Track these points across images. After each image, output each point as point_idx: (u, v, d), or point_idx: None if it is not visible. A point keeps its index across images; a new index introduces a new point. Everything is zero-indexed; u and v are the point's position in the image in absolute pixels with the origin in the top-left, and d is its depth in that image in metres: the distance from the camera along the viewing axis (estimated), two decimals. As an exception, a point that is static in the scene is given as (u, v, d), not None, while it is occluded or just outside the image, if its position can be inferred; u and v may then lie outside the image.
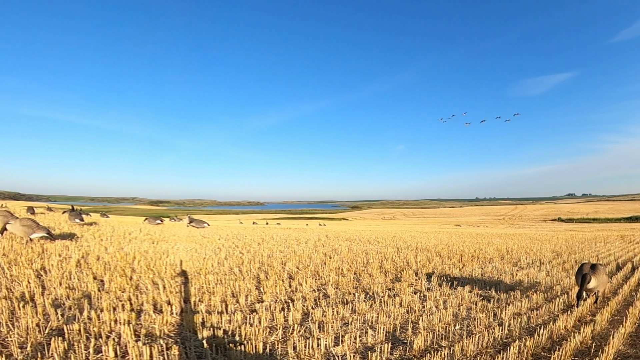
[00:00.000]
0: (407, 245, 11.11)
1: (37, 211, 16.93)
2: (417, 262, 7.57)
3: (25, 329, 3.00)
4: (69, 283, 4.47)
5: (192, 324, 3.52)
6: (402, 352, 3.16)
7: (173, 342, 3.08)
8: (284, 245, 10.05)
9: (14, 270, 4.73)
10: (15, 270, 4.74)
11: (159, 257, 6.66)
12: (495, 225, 64.03)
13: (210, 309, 4.05)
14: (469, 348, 3.19)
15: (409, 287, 5.44)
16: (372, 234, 16.16)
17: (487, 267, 7.41)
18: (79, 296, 4.03)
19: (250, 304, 4.36)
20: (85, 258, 5.94)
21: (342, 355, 3.02)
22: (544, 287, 5.69)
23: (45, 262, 5.29)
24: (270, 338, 3.32)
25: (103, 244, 7.66)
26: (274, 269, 6.29)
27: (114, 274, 5.05)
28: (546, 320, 4.08)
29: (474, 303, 4.68)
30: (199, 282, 5.10)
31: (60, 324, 3.20)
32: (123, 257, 6.30)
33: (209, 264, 6.40)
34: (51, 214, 16.36)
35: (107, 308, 3.68)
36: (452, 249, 10.11)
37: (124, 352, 2.83)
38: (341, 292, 5.05)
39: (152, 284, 4.79)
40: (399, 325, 3.79)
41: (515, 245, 11.76)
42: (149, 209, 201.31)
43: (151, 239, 9.73)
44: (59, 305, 3.72)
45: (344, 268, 6.58)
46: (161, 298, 4.20)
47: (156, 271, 5.54)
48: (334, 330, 3.57)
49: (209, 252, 7.91)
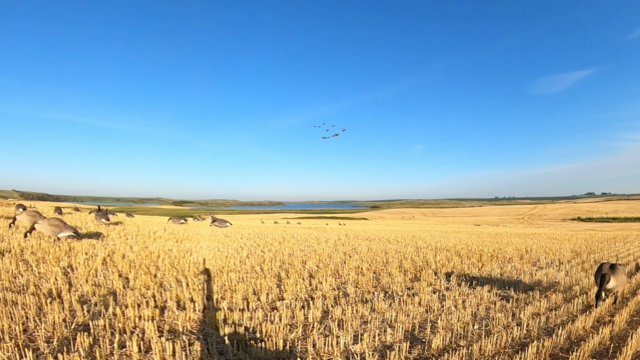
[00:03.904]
0: (426, 244, 10.92)
1: (64, 211, 17.39)
2: (437, 261, 7.44)
3: (52, 324, 3.06)
4: (95, 280, 4.55)
5: (214, 320, 3.53)
6: (421, 351, 3.11)
7: (195, 338, 3.10)
8: (305, 244, 10.03)
9: (42, 267, 4.85)
10: (43, 267, 4.86)
11: (183, 256, 6.74)
12: (515, 224, 62.66)
13: (232, 306, 4.06)
14: (487, 348, 3.13)
15: (428, 286, 5.35)
16: (392, 234, 15.98)
17: (506, 266, 7.26)
18: (105, 293, 4.09)
19: (271, 301, 4.36)
20: (111, 256, 6.05)
21: (361, 354, 2.99)
22: (563, 287, 5.52)
23: (72, 260, 5.41)
24: (291, 335, 3.31)
25: (128, 243, 7.81)
26: (294, 267, 6.28)
27: (138, 272, 5.12)
28: (565, 321, 3.96)
29: (493, 303, 4.58)
30: (221, 280, 5.12)
31: (86, 320, 3.25)
32: (148, 256, 6.39)
33: (231, 262, 6.43)
34: (78, 214, 16.83)
35: (132, 304, 3.73)
36: (471, 249, 9.92)
37: (147, 348, 2.85)
38: (360, 290, 5.01)
39: (176, 282, 4.84)
40: (418, 325, 3.74)
41: (534, 245, 11.44)
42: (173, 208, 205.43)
43: (175, 238, 9.86)
44: (85, 301, 3.79)
45: (363, 267, 6.52)
46: (184, 295, 4.23)
47: (180, 269, 5.60)
48: (353, 328, 3.55)
49: (231, 251, 7.95)
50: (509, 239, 14.59)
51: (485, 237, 15.92)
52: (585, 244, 12.23)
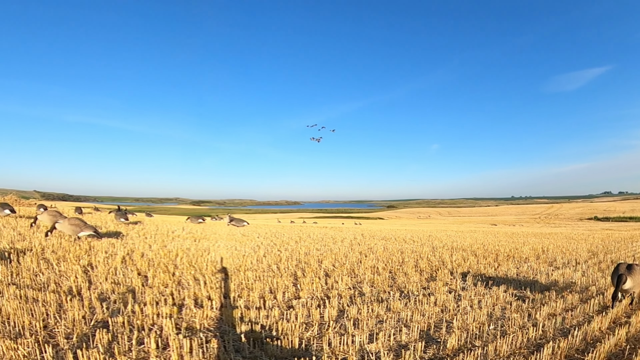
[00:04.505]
0: (442, 244, 10.77)
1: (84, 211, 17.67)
2: (453, 261, 7.33)
3: (71, 321, 3.10)
4: (114, 278, 4.61)
5: (231, 318, 3.54)
6: (436, 351, 3.07)
7: (212, 336, 3.11)
8: (321, 243, 10.00)
9: (62, 266, 4.94)
10: (64, 266, 4.95)
11: (201, 255, 6.78)
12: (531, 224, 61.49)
13: (248, 304, 4.06)
14: (503, 348, 3.07)
15: (443, 286, 5.27)
16: (408, 233, 15.83)
17: (522, 266, 7.11)
18: (124, 291, 4.14)
19: (288, 300, 4.35)
20: (130, 255, 6.13)
21: (376, 353, 2.97)
22: (579, 287, 5.37)
23: (92, 259, 5.49)
24: (306, 334, 3.30)
25: (147, 242, 7.91)
26: (310, 266, 6.26)
27: (157, 270, 5.17)
28: (581, 322, 3.86)
29: (509, 303, 4.49)
30: (238, 279, 5.13)
31: (105, 317, 3.29)
32: (166, 254, 6.45)
33: (248, 261, 6.45)
34: (98, 214, 17.10)
35: (150, 302, 3.76)
36: (487, 248, 9.74)
37: (165, 344, 2.87)
38: (376, 290, 4.97)
39: (194, 280, 4.86)
40: (433, 324, 3.70)
41: (551, 245, 11.19)
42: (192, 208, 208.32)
43: (193, 237, 9.94)
44: (104, 299, 3.83)
45: (379, 266, 6.46)
46: (202, 293, 4.25)
47: (197, 267, 5.63)
48: (369, 327, 3.52)
49: (248, 250, 7.97)
50: (526, 238, 14.38)
51: (501, 236, 15.71)
52: (602, 244, 11.91)
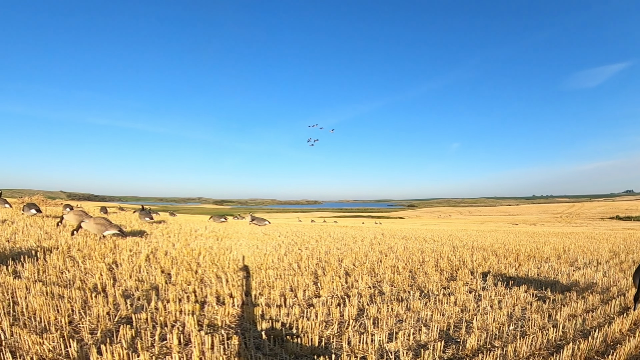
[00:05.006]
0: (463, 244, 10.55)
1: (109, 211, 18.04)
2: (473, 261, 7.16)
3: (96, 317, 3.15)
4: (138, 276, 4.68)
5: (252, 316, 3.53)
6: (455, 351, 2.99)
7: (233, 333, 3.12)
8: (341, 242, 9.93)
9: (87, 263, 5.04)
10: (89, 263, 5.05)
11: (223, 253, 6.83)
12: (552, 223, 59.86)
13: (269, 302, 4.05)
14: (522, 349, 2.98)
15: (464, 286, 5.15)
16: (428, 233, 15.61)
17: (543, 266, 6.89)
18: (147, 288, 4.19)
19: (308, 298, 4.32)
20: (154, 253, 6.22)
21: (395, 352, 2.92)
22: (601, 288, 5.15)
23: (117, 257, 5.60)
24: (326, 332, 3.27)
25: (171, 241, 8.03)
26: (331, 265, 6.21)
27: (180, 268, 5.22)
28: (601, 323, 3.70)
29: (529, 303, 4.35)
30: (259, 277, 5.13)
31: (129, 313, 3.32)
32: (189, 253, 6.52)
33: (270, 260, 6.45)
34: (123, 213, 17.46)
35: (173, 299, 3.79)
36: (508, 248, 9.49)
37: (187, 340, 2.88)
38: (396, 289, 4.89)
39: (216, 278, 4.89)
40: (453, 324, 3.61)
41: (572, 245, 10.82)
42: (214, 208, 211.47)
43: (215, 236, 10.05)
44: (128, 295, 3.89)
45: (399, 266, 6.35)
46: (224, 291, 4.27)
47: (220, 266, 5.67)
48: (388, 326, 3.47)
49: (270, 249, 7.99)
50: (547, 238, 14.01)
51: (522, 236, 15.35)
52: (624, 244, 11.44)
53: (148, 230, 9.83)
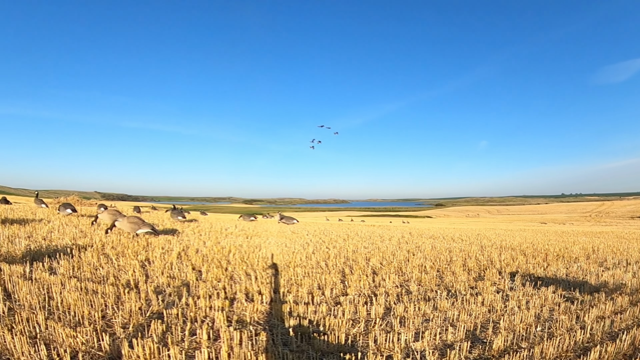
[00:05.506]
0: (491, 243, 10.25)
1: (142, 210, 18.55)
2: (501, 260, 6.93)
3: (128, 312, 3.22)
4: (170, 273, 4.77)
5: (280, 312, 3.54)
6: (481, 352, 2.91)
7: (262, 329, 3.13)
8: (368, 241, 9.83)
9: (121, 261, 5.19)
10: (122, 261, 5.19)
11: (252, 251, 6.90)
12: (582, 222, 57.34)
13: (297, 299, 4.05)
14: (549, 351, 2.86)
15: (491, 285, 5.00)
16: (456, 232, 15.28)
17: (572, 267, 6.61)
18: (179, 284, 4.26)
19: (335, 296, 4.30)
20: (185, 251, 6.34)
21: (421, 351, 2.87)
22: (630, 289, 4.88)
23: (149, 254, 5.74)
24: (353, 330, 3.25)
25: (202, 239, 8.17)
26: (358, 264, 6.16)
27: (210, 265, 5.30)
28: (629, 325, 3.51)
29: (557, 304, 4.18)
30: (287, 274, 5.14)
31: (160, 309, 3.38)
32: (219, 250, 6.62)
33: (298, 258, 6.45)
34: (155, 213, 17.87)
35: (204, 295, 3.84)
36: (536, 248, 9.16)
37: (216, 336, 2.92)
38: (423, 288, 4.80)
39: (245, 275, 4.93)
40: (480, 324, 3.51)
41: (601, 244, 10.34)
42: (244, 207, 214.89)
43: (245, 234, 10.18)
44: (160, 292, 3.96)
45: (427, 265, 6.22)
46: (253, 288, 4.29)
47: (249, 263, 5.72)
48: (415, 325, 3.40)
49: (298, 247, 8.01)
50: (576, 237, 13.54)
51: (551, 235, 14.89)
52: None
53: (180, 229, 10.06)
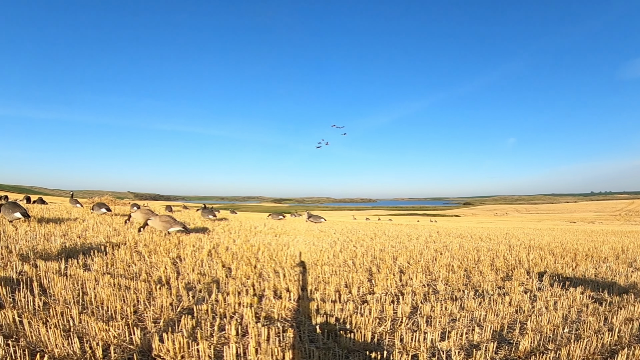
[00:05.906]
0: (519, 242, 9.97)
1: (174, 209, 19.02)
2: (529, 260, 6.73)
3: (159, 307, 3.30)
4: (200, 270, 4.87)
5: (307, 310, 3.55)
6: (507, 352, 2.85)
7: (289, 326, 3.16)
8: (395, 240, 9.73)
9: (153, 258, 5.34)
10: (155, 258, 5.35)
11: (280, 249, 6.96)
12: (611, 221, 54.66)
13: (324, 297, 4.05)
14: (576, 353, 2.76)
15: (519, 286, 4.86)
16: (484, 231, 14.96)
17: (601, 267, 6.36)
18: (209, 281, 4.35)
19: (362, 295, 4.28)
20: (216, 249, 6.47)
21: (447, 351, 2.82)
22: None
23: (181, 252, 5.88)
24: (379, 328, 3.23)
25: (231, 237, 8.33)
26: (385, 262, 6.10)
27: (240, 263, 5.39)
28: None
29: (585, 305, 4.03)
30: (315, 272, 5.15)
31: (190, 305, 3.46)
32: (249, 248, 6.72)
33: (325, 256, 6.46)
34: (186, 212, 18.23)
35: (233, 292, 3.90)
36: (565, 247, 8.85)
37: (244, 332, 2.96)
38: (450, 288, 4.72)
39: (274, 273, 4.99)
40: (507, 325, 3.43)
41: (631, 244, 9.89)
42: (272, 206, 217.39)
43: (274, 233, 10.30)
44: (190, 288, 4.05)
45: (454, 264, 6.10)
46: (281, 285, 4.33)
47: (277, 261, 5.78)
48: (441, 325, 3.36)
49: (325, 245, 8.01)
50: (605, 237, 13.06)
51: (580, 234, 14.45)
52: None
53: (210, 227, 10.27)
